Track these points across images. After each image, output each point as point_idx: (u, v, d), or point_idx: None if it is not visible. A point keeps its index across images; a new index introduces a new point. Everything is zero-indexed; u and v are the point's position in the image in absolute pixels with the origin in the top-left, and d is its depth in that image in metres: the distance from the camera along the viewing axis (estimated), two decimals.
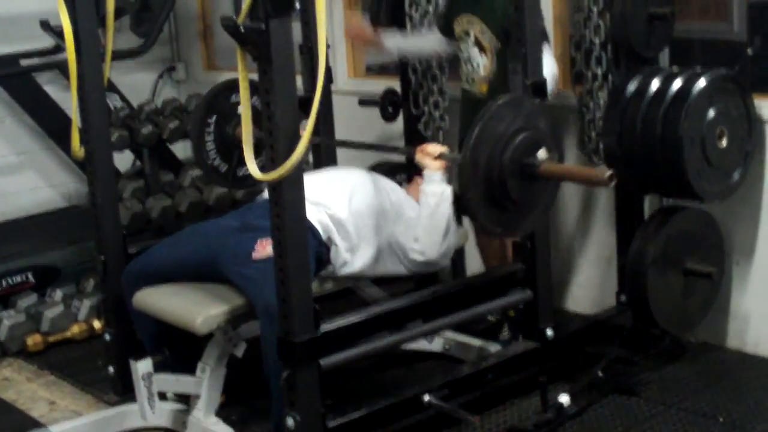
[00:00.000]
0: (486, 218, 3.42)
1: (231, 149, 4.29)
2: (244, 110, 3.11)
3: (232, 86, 4.17)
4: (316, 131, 4.14)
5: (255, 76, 3.10)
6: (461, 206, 3.56)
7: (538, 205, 3.56)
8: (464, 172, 3.33)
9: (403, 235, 3.83)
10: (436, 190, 3.76)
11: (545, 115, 3.55)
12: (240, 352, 3.70)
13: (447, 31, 4.45)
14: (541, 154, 3.41)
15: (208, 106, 4.27)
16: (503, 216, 3.46)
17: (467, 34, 4.29)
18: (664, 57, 4.28)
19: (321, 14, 2.99)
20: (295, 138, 3.08)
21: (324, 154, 4.72)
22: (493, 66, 4.23)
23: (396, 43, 4.59)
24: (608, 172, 3.25)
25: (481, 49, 4.25)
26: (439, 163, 3.77)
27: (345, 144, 4.63)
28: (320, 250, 3.69)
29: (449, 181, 3.80)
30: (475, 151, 3.33)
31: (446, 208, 3.77)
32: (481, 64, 4.26)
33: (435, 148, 3.79)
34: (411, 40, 4.63)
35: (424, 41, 4.60)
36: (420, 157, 3.80)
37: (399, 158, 5.21)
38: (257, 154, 3.09)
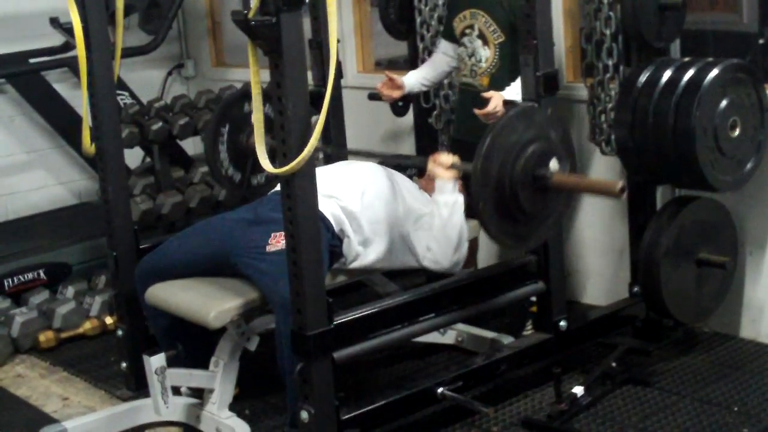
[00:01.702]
0: (497, 229, 3.42)
1: (245, 158, 4.27)
2: (256, 104, 3.11)
3: (245, 96, 4.16)
4: (326, 127, 4.16)
5: (263, 73, 3.11)
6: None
7: (550, 216, 3.56)
8: (476, 182, 3.33)
9: (416, 236, 3.83)
10: (449, 200, 3.76)
11: (557, 126, 3.55)
12: (253, 346, 3.71)
13: (449, 34, 4.46)
14: (553, 165, 3.40)
15: (222, 116, 4.26)
16: (515, 227, 3.46)
17: (471, 28, 4.30)
18: (676, 49, 4.27)
19: (332, 7, 2.99)
20: (307, 131, 3.08)
21: (334, 145, 4.70)
22: (495, 59, 4.24)
23: (415, 78, 4.57)
24: (620, 184, 3.25)
25: (485, 42, 4.26)
26: (451, 173, 3.76)
27: (357, 153, 4.58)
28: (333, 242, 3.69)
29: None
30: (487, 162, 3.32)
31: (459, 217, 3.78)
32: (483, 57, 4.27)
33: (447, 158, 3.78)
34: (425, 68, 4.62)
35: (436, 62, 4.58)
36: (432, 167, 3.80)
37: (409, 152, 5.23)
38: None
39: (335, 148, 4.53)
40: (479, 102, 4.06)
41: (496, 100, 3.99)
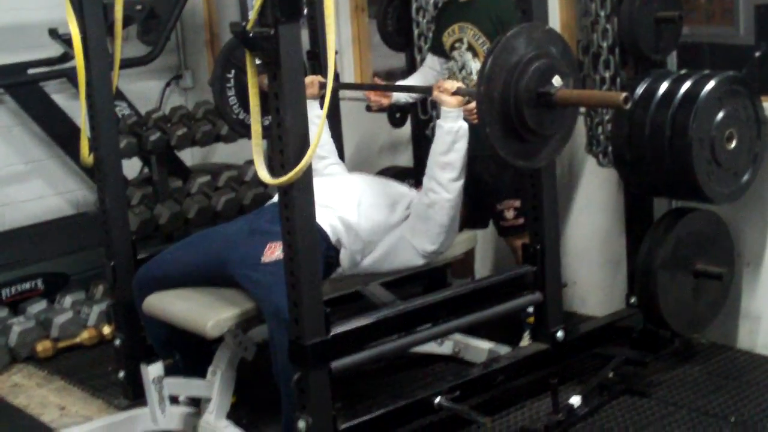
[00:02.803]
0: (506, 150, 3.38)
1: None
2: (254, 116, 3.13)
3: None
4: None
5: None
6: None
7: (557, 132, 3.52)
8: (481, 105, 3.30)
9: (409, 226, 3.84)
10: (453, 126, 3.74)
11: (557, 42, 3.51)
12: (250, 355, 3.71)
13: (438, 49, 4.48)
14: (556, 81, 3.39)
15: (225, 62, 4.25)
16: (523, 146, 3.43)
17: (460, 41, 4.32)
18: (672, 61, 4.29)
19: (330, 19, 3.01)
20: (305, 142, 3.09)
21: None
22: None
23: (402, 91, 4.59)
24: (623, 94, 3.21)
25: (475, 54, 4.28)
26: (456, 99, 3.73)
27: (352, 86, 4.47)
28: (329, 252, 3.70)
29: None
30: (490, 84, 3.30)
31: (462, 145, 3.76)
32: (473, 69, 4.29)
33: (452, 84, 3.75)
34: (412, 81, 4.62)
35: (422, 75, 4.59)
36: (437, 94, 3.77)
37: (407, 163, 5.24)
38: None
39: None
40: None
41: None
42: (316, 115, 3.72)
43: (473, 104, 3.93)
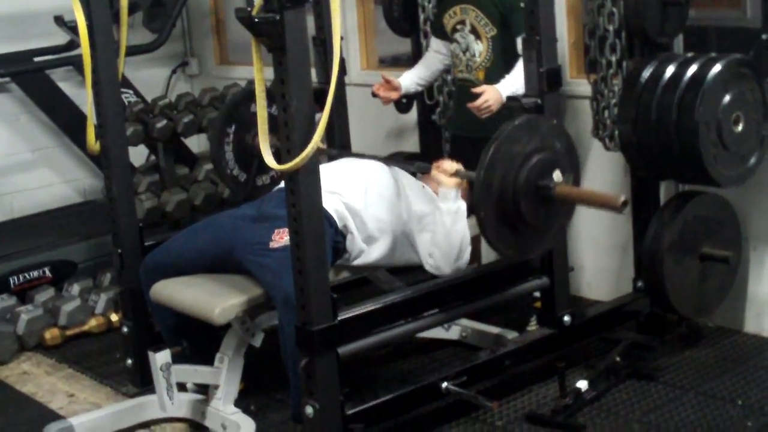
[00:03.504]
0: (498, 239, 3.42)
1: (250, 158, 4.29)
2: (260, 101, 3.12)
3: (251, 95, 4.17)
4: (329, 124, 4.16)
5: (267, 70, 3.11)
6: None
7: (551, 226, 3.56)
8: (478, 191, 3.33)
9: (420, 239, 3.84)
10: (452, 207, 3.75)
11: (561, 136, 3.55)
12: (258, 341, 3.72)
13: (439, 30, 4.47)
14: (556, 176, 3.40)
15: (227, 116, 4.26)
16: (516, 236, 3.46)
17: (462, 23, 4.32)
18: (679, 45, 4.27)
19: (335, 4, 3.01)
20: (311, 128, 3.09)
21: (338, 143, 4.71)
22: (489, 53, 4.26)
23: (410, 78, 4.59)
24: (622, 198, 3.24)
25: (477, 36, 4.28)
26: (454, 180, 3.75)
27: (360, 155, 4.56)
28: (337, 238, 3.70)
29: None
30: (490, 171, 3.32)
31: (462, 225, 3.76)
32: (477, 51, 4.30)
33: (451, 165, 3.77)
34: (419, 68, 4.63)
35: (429, 61, 4.60)
36: (436, 174, 3.79)
37: (413, 149, 5.24)
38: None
39: (339, 151, 4.52)
40: (474, 96, 4.08)
41: (487, 94, 4.00)
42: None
43: (482, 99, 3.95)
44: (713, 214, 4.06)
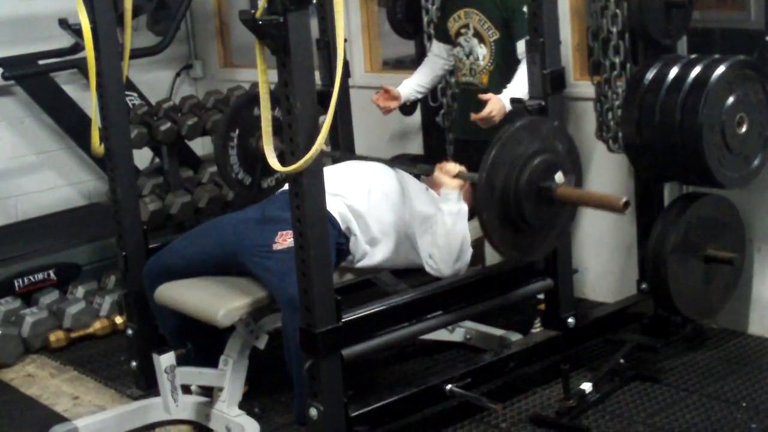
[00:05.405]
0: (500, 240, 3.42)
1: (255, 162, 4.29)
2: (264, 103, 3.13)
3: (255, 99, 4.17)
4: (333, 126, 4.16)
5: (271, 72, 3.12)
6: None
7: (553, 228, 3.56)
8: (480, 192, 3.34)
9: (421, 241, 3.84)
10: (453, 209, 3.75)
11: (563, 138, 3.55)
12: (262, 344, 3.73)
13: (443, 35, 4.48)
14: (558, 177, 3.41)
15: (231, 120, 4.27)
16: (518, 238, 3.46)
17: (466, 27, 4.33)
18: (682, 46, 4.27)
19: (339, 6, 3.01)
20: (315, 130, 3.09)
21: (342, 145, 4.72)
22: (492, 56, 4.27)
23: (410, 87, 4.59)
24: (623, 199, 3.25)
25: (481, 40, 4.29)
26: (456, 182, 3.75)
27: (364, 157, 4.58)
28: (340, 240, 3.70)
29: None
30: (492, 172, 3.32)
31: (462, 226, 3.77)
32: (481, 54, 4.31)
33: (453, 167, 3.78)
34: (419, 75, 4.63)
35: (429, 66, 4.61)
36: (438, 175, 3.80)
37: (417, 151, 5.24)
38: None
39: (343, 154, 4.52)
40: (479, 102, 4.08)
41: (491, 105, 4.01)
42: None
43: (487, 111, 3.95)
44: (717, 216, 4.05)
